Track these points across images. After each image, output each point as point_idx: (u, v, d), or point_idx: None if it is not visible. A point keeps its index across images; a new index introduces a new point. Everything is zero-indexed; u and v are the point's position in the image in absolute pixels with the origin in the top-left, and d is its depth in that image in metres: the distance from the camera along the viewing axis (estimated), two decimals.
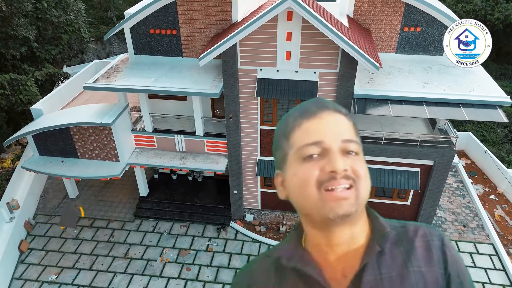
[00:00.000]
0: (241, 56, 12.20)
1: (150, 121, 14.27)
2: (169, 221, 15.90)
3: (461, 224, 15.75)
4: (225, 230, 15.49)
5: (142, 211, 16.19)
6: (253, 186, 15.13)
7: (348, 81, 11.98)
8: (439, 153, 12.88)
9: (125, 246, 14.90)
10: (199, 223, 15.81)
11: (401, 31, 13.83)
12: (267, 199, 15.46)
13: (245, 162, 14.46)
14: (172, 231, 15.52)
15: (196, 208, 16.08)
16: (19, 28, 16.67)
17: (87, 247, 14.89)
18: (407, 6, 13.36)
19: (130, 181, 17.62)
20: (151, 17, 13.56)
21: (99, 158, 14.26)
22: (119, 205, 16.78)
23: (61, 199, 17.17)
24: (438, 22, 13.44)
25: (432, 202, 14.04)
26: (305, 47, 11.76)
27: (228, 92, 12.78)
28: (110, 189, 17.64)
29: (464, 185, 17.75)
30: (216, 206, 16.11)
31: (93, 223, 15.93)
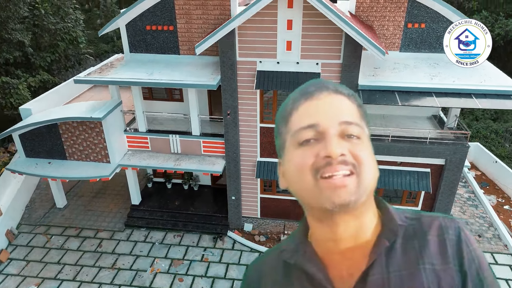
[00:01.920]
0: (239, 47, 11.68)
1: (144, 121, 13.57)
2: (162, 231, 14.80)
3: (476, 234, 14.66)
4: (222, 240, 14.37)
5: (133, 220, 15.13)
6: (252, 191, 14.18)
7: (352, 71, 11.39)
8: (451, 150, 12.07)
9: (113, 256, 13.73)
10: (194, 233, 14.70)
11: (405, 28, 13.41)
12: (267, 206, 14.46)
13: (243, 164, 13.61)
14: (164, 241, 14.39)
15: (191, 216, 15.03)
16: (14, 32, 16.35)
17: (72, 257, 13.72)
18: (410, 1, 13.00)
19: (123, 191, 16.70)
20: (147, 13, 13.19)
21: (89, 160, 13.42)
22: (109, 215, 15.75)
23: (48, 209, 16.14)
24: (443, 17, 13.05)
25: (445, 206, 13.06)
26: (307, 36, 11.26)
27: (226, 86, 12.15)
28: (101, 199, 16.66)
29: (475, 196, 16.78)
30: (213, 214, 15.07)
31: (80, 233, 14.83)
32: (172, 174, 16.37)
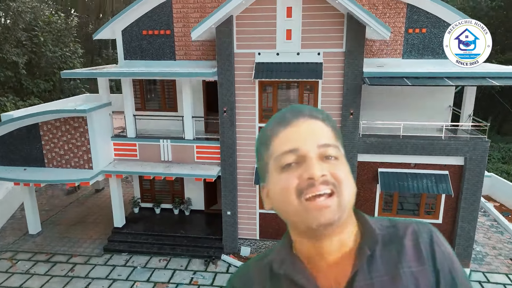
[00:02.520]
0: (237, 38, 11.23)
1: (133, 124, 12.57)
2: (146, 255, 12.83)
3: (507, 258, 12.77)
4: (215, 264, 12.37)
5: (114, 244, 13.23)
6: (250, 205, 12.60)
7: (356, 58, 10.78)
8: (470, 145, 10.93)
9: (85, 280, 11.64)
10: (182, 257, 12.73)
11: (406, 34, 13.17)
12: (267, 224, 12.75)
13: (240, 173, 12.27)
14: (148, 264, 12.38)
15: (180, 239, 13.17)
16: (9, 52, 16.15)
17: (37, 281, 11.61)
18: (409, 7, 12.95)
19: (106, 219, 14.98)
20: (144, 18, 13.02)
21: (69, 166, 12.11)
22: (87, 241, 13.85)
23: (19, 237, 14.26)
24: (443, 22, 12.87)
25: (470, 215, 11.46)
26: (307, 23, 10.88)
27: (222, 80, 11.43)
28: (80, 227, 14.85)
29: (498, 223, 15.15)
30: (205, 237, 13.25)
31: (50, 258, 12.83)
32: (161, 198, 14.85)
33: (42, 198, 17.31)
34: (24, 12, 16.49)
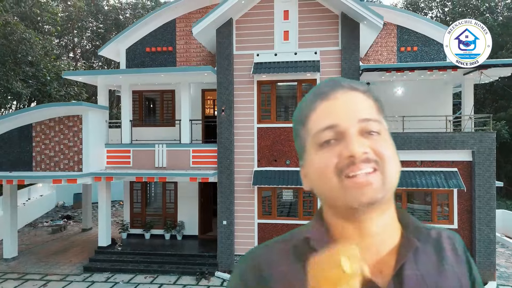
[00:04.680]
0: (237, 40, 11.66)
1: (129, 131, 12.30)
2: (131, 273, 11.41)
3: None
4: (207, 279, 10.93)
5: (96, 263, 11.87)
6: (248, 215, 11.64)
7: (353, 53, 11.05)
8: (476, 137, 10.58)
9: None
10: (171, 274, 11.30)
11: (398, 52, 13.79)
12: (267, 237, 11.60)
13: (238, 177, 11.61)
14: (132, 280, 10.92)
15: (169, 257, 11.86)
16: (14, 83, 16.62)
17: None
18: (399, 28, 13.79)
19: (91, 249, 13.63)
20: (148, 36, 13.71)
21: (58, 169, 11.50)
22: (66, 263, 12.46)
23: None
24: (433, 41, 13.58)
25: (487, 216, 10.54)
26: (304, 25, 11.41)
27: (221, 79, 11.55)
28: (60, 254, 13.48)
29: None
30: (197, 254, 11.95)
31: (23, 276, 11.38)
32: (153, 222, 13.80)
33: (24, 238, 16.01)
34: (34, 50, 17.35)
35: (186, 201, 13.64)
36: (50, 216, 20.64)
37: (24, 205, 18.38)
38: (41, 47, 17.86)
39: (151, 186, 14.29)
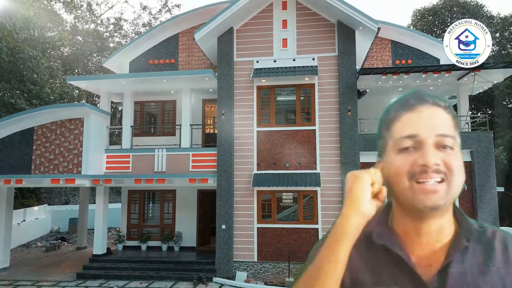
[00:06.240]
0: (237, 48, 12.08)
1: (130, 136, 12.39)
2: (125, 280, 11.01)
3: None
4: (205, 284, 10.54)
5: (89, 271, 11.49)
6: (247, 219, 11.44)
7: (349, 58, 11.41)
8: (474, 138, 10.67)
9: None
10: (168, 280, 10.91)
11: (393, 65, 14.21)
12: (266, 242, 11.34)
13: (237, 181, 11.54)
14: (126, 286, 10.51)
15: (165, 264, 11.50)
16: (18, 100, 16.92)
17: None
18: (392, 42, 14.33)
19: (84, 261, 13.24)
20: (152, 50, 14.19)
21: (56, 171, 11.46)
22: (59, 272, 12.05)
23: None
24: (426, 54, 14.06)
25: (490, 216, 10.39)
26: (301, 33, 11.87)
27: (222, 84, 11.83)
28: (52, 267, 13.05)
29: None
30: (195, 261, 11.60)
31: (13, 283, 10.96)
32: (150, 233, 13.51)
33: (17, 255, 15.54)
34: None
35: (185, 212, 13.44)
36: (44, 239, 20.15)
37: (18, 225, 17.99)
38: (45, 67, 18.37)
39: (149, 196, 14.14)
